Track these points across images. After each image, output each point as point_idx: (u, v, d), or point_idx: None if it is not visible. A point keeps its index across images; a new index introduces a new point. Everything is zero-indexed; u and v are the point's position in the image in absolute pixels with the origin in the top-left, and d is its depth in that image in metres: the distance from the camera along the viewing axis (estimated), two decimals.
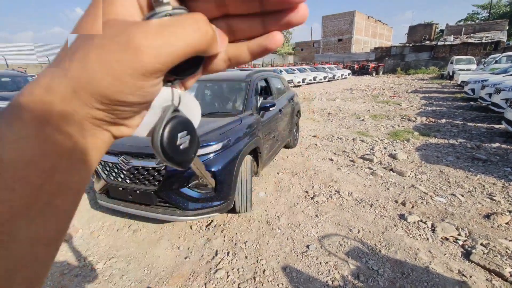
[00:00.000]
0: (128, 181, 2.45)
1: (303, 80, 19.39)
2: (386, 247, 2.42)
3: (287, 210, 3.07)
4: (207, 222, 2.85)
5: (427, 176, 3.83)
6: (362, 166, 4.27)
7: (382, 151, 4.89)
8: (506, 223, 2.67)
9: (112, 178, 2.50)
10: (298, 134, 5.53)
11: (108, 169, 2.52)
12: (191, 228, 2.77)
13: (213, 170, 2.38)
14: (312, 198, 3.30)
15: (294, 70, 21.15)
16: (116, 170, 2.48)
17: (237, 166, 2.59)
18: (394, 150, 4.88)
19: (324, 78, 22.37)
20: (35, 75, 12.26)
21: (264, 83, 4.12)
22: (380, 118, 7.75)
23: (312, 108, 9.86)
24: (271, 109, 3.37)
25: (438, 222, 2.73)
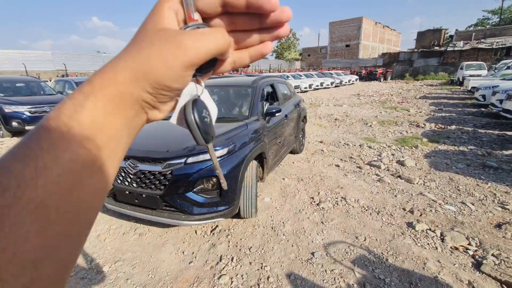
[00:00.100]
0: (134, 185, 2.48)
1: (310, 85, 19.37)
2: (393, 256, 2.37)
3: (292, 216, 3.05)
4: (212, 227, 2.85)
5: (436, 183, 3.75)
6: (369, 173, 4.22)
7: (389, 158, 4.83)
8: None
9: (119, 181, 2.54)
10: (304, 140, 5.52)
11: None
12: (196, 232, 2.78)
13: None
14: (317, 205, 3.27)
15: (301, 76, 21.21)
16: (123, 174, 2.52)
17: (242, 171, 2.59)
18: (402, 157, 4.80)
19: (331, 84, 22.31)
20: (48, 80, 12.67)
21: (270, 89, 4.14)
22: (388, 124, 7.67)
23: (318, 113, 9.84)
24: (277, 114, 3.38)
25: (447, 231, 2.67)
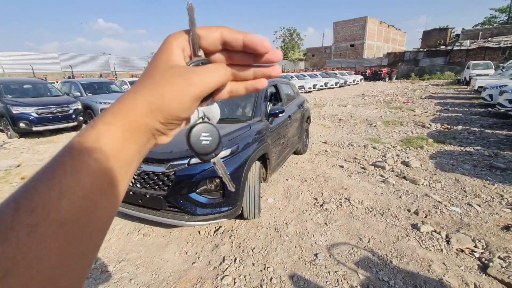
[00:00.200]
0: (138, 185, 2.50)
1: (314, 86, 19.31)
2: (398, 258, 2.34)
3: (296, 217, 3.04)
4: (215, 227, 2.86)
5: (442, 184, 3.71)
6: (373, 174, 4.18)
7: (394, 158, 4.78)
8: None
9: None
10: (308, 140, 5.50)
11: None
12: (199, 233, 2.79)
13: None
14: (321, 206, 3.25)
15: (305, 76, 21.15)
16: None
17: (245, 172, 2.60)
18: (407, 158, 4.75)
19: (335, 84, 22.19)
20: (55, 82, 12.86)
21: (273, 90, 4.15)
22: (393, 124, 7.60)
23: (322, 114, 9.80)
24: (280, 115, 3.37)
25: (453, 233, 2.63)
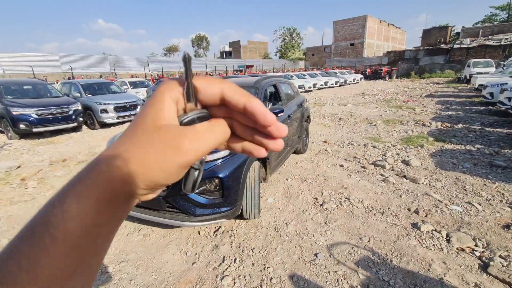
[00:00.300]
0: None
1: (314, 85, 19.28)
2: (398, 257, 2.34)
3: (296, 217, 3.03)
4: (215, 228, 2.85)
5: (442, 183, 3.70)
6: (373, 173, 4.18)
7: (394, 157, 4.77)
8: None
9: None
10: (308, 140, 5.49)
11: None
12: (199, 233, 2.78)
13: (220, 176, 2.40)
14: (321, 205, 3.25)
15: (305, 75, 21.12)
16: None
17: (244, 172, 2.59)
18: (407, 156, 4.74)
19: (335, 83, 22.17)
20: (55, 83, 12.86)
21: (273, 89, 4.13)
22: (393, 123, 7.58)
23: (322, 113, 9.79)
24: (280, 115, 3.37)
25: (453, 232, 2.62)
